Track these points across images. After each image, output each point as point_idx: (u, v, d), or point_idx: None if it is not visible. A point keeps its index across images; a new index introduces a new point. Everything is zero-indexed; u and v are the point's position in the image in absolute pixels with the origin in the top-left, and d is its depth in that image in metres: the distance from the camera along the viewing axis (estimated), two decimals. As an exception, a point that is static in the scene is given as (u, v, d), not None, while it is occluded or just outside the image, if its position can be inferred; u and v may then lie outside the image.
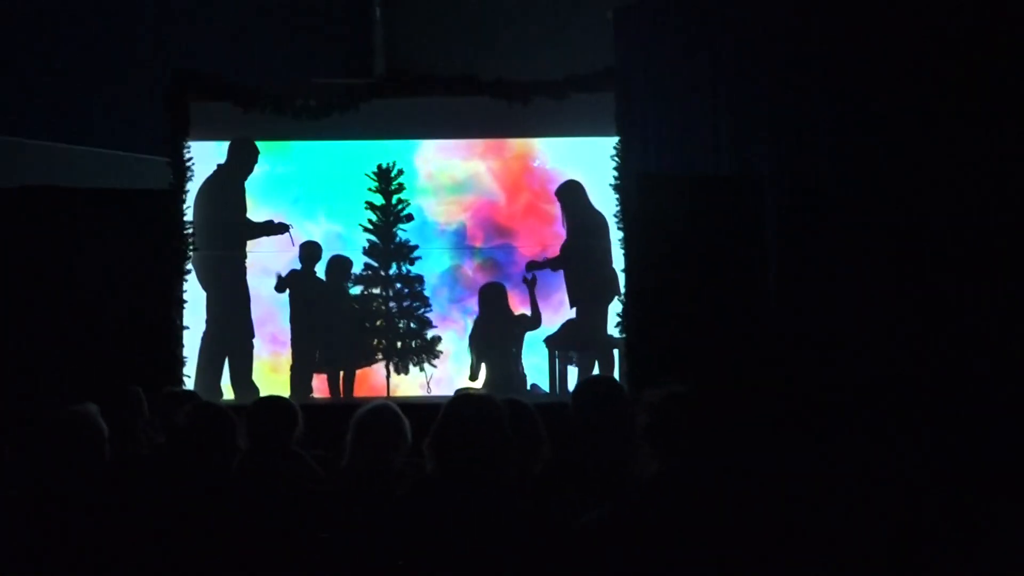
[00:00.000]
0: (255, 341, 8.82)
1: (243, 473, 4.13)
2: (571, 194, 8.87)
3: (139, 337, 7.69)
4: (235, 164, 8.82)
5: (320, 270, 8.92)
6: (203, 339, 8.63)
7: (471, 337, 8.86)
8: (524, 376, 8.79)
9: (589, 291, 8.72)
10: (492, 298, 8.82)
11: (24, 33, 9.71)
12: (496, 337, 8.74)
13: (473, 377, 8.76)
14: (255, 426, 4.59)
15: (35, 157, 9.40)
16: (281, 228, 8.86)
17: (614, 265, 8.63)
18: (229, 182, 8.79)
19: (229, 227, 8.73)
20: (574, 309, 8.83)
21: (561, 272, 8.91)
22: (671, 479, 3.22)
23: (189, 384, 8.11)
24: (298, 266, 8.88)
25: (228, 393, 8.65)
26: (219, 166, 8.80)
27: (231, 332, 8.68)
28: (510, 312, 8.86)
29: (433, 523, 3.22)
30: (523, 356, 8.87)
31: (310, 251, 8.90)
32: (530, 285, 8.82)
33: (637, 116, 8.26)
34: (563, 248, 8.87)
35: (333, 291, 8.82)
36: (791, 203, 7.64)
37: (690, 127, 8.04)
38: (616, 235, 8.34)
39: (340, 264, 8.85)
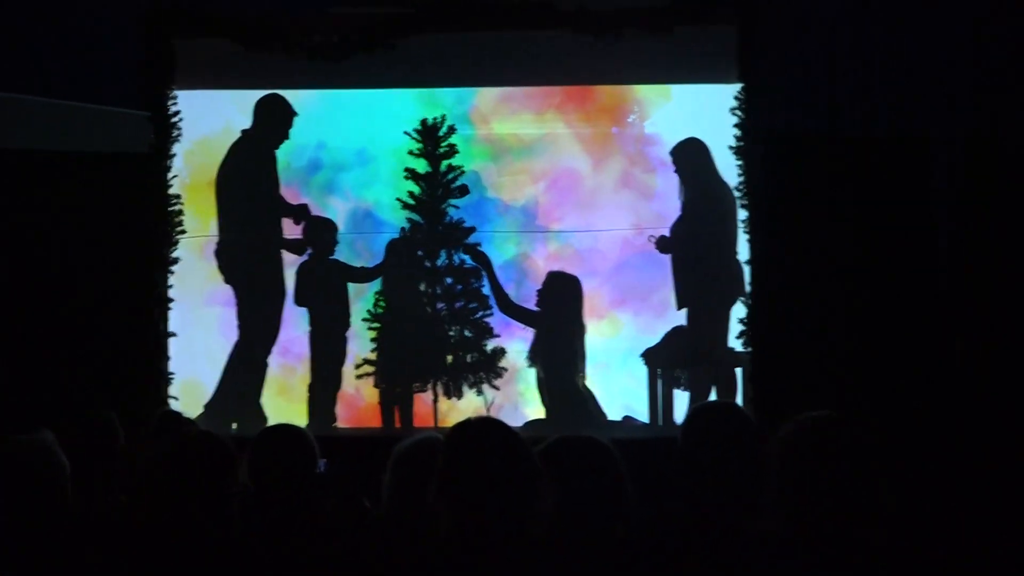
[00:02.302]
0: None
1: (245, 525, 4.14)
2: (692, 157, 8.76)
3: (111, 346, 7.79)
4: (264, 129, 8.91)
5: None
6: (235, 349, 8.78)
7: (531, 349, 8.82)
8: (594, 402, 8.70)
9: (709, 289, 8.63)
10: (555, 294, 8.73)
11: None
12: (559, 349, 8.67)
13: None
14: (261, 464, 4.60)
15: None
16: (300, 213, 8.96)
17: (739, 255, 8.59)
18: (256, 152, 8.89)
19: (261, 207, 8.84)
20: (683, 311, 8.76)
21: (662, 261, 8.86)
22: (804, 545, 3.18)
23: (185, 408, 8.17)
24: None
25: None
26: (244, 132, 8.92)
27: (267, 341, 8.83)
28: (578, 316, 8.77)
29: None
30: (618, 375, 8.82)
31: (325, 234, 8.97)
32: None
33: (767, 57, 8.19)
34: (675, 229, 8.79)
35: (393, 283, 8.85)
36: (971, 173, 7.56)
37: (837, 73, 7.97)
38: (740, 214, 8.26)
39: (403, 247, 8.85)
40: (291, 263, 8.94)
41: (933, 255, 7.43)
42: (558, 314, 8.65)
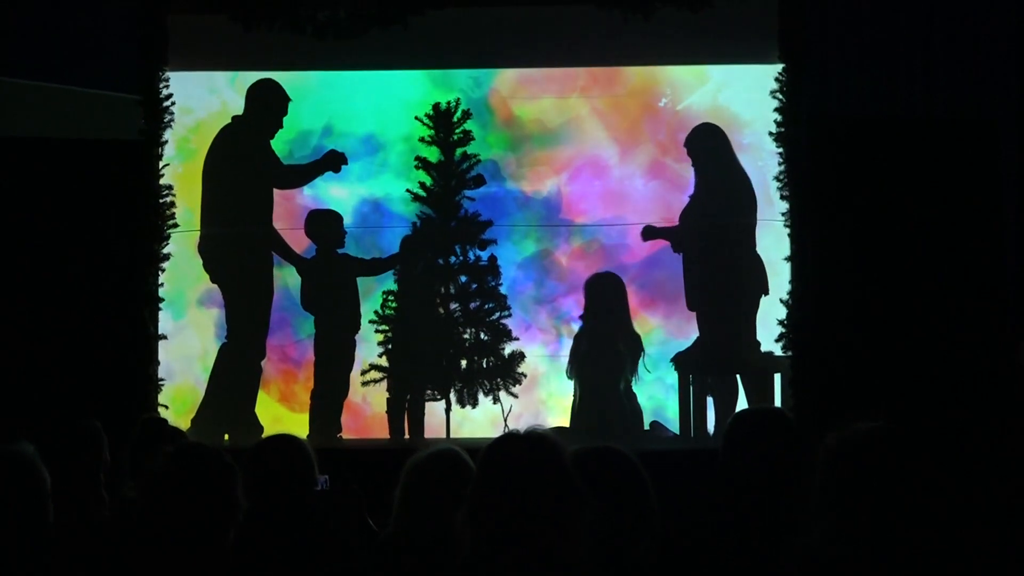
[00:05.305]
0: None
1: (245, 542, 4.12)
2: (706, 144, 8.79)
3: (97, 350, 7.77)
4: (257, 116, 8.89)
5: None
6: (223, 351, 8.78)
7: (572, 351, 8.79)
8: (637, 410, 8.69)
9: (724, 286, 8.61)
10: (599, 295, 8.71)
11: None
12: (599, 352, 8.64)
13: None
14: (256, 479, 4.58)
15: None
16: (335, 159, 8.89)
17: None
18: (246, 140, 8.86)
19: (249, 199, 8.80)
20: (695, 313, 8.77)
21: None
22: (851, 566, 3.14)
23: (177, 418, 8.18)
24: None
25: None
26: (235, 119, 8.90)
27: (257, 343, 8.83)
28: (626, 316, 8.74)
29: None
30: (647, 381, 8.79)
31: (330, 227, 8.92)
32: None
33: (813, 35, 8.16)
34: (682, 220, 8.78)
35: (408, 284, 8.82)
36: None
37: (892, 52, 7.93)
38: (780, 205, 8.23)
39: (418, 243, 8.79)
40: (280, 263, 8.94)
41: (1000, 251, 7.37)
42: (600, 320, 8.64)
